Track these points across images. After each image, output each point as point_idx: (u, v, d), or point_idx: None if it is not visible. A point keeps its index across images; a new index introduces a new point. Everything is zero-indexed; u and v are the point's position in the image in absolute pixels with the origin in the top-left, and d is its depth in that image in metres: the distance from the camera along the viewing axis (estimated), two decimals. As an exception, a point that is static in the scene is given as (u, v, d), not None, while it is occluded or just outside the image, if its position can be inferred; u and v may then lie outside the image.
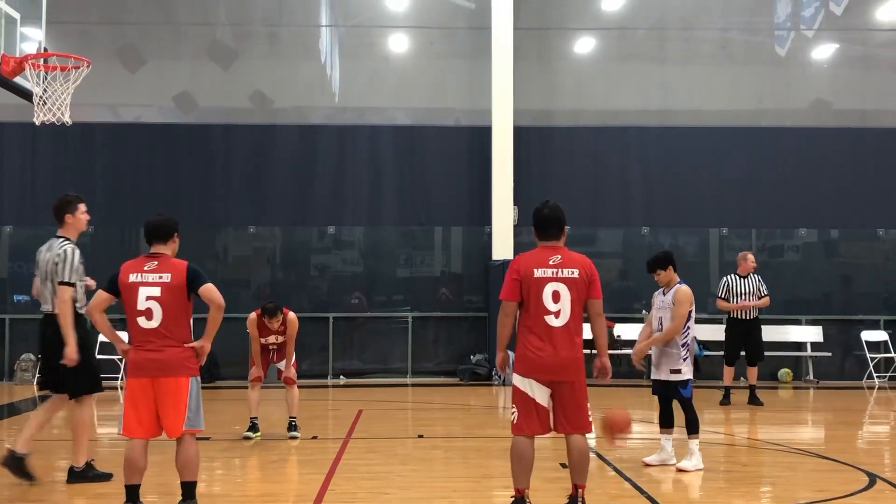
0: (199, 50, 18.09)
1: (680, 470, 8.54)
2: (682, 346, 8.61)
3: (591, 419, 6.63)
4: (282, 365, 10.64)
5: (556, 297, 6.44)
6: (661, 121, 18.23)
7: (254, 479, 8.55)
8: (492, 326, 17.12)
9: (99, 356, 16.38)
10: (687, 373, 8.63)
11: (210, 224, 17.65)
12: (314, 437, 10.64)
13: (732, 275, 13.90)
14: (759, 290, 13.72)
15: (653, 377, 8.89)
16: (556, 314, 6.44)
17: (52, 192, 17.77)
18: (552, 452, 9.65)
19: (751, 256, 14.02)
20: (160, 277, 6.58)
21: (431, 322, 17.96)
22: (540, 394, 6.45)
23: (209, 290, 6.64)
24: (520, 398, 6.48)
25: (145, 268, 6.63)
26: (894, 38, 18.69)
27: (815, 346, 17.42)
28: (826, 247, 18.38)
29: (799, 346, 17.55)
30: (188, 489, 6.69)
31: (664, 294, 8.77)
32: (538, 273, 6.45)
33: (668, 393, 8.73)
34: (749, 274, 13.78)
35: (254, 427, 10.47)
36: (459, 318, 17.88)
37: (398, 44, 18.84)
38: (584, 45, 18.98)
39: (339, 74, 18.37)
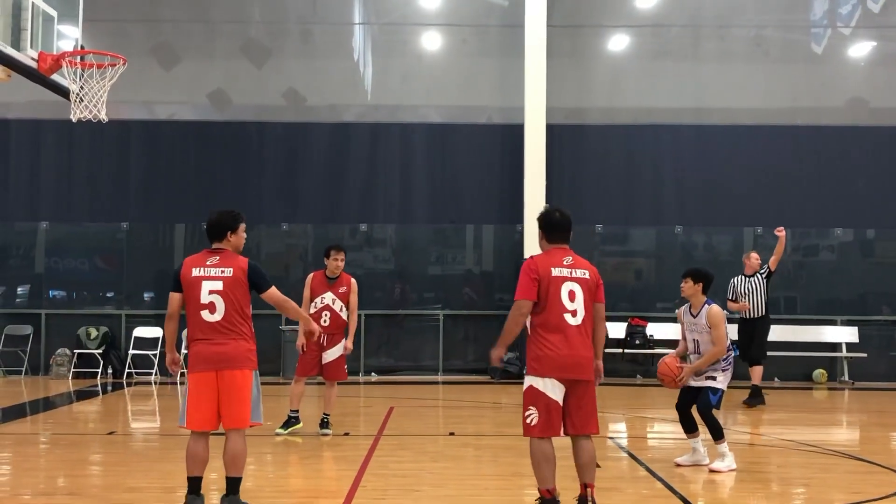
0: (234, 48, 18.18)
1: (713, 471, 8.49)
2: (724, 359, 8.56)
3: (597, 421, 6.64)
4: (330, 354, 10.37)
5: (572, 296, 6.50)
6: (695, 119, 18.09)
7: (286, 475, 8.59)
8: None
9: (133, 351, 16.69)
10: (722, 383, 8.59)
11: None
12: (346, 434, 10.67)
13: (740, 276, 13.92)
14: (760, 288, 13.67)
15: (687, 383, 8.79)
16: (573, 313, 6.48)
17: (87, 188, 18.06)
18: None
19: (753, 255, 14.07)
20: (222, 272, 6.72)
21: (462, 320, 17.96)
22: (558, 392, 6.44)
23: (272, 297, 6.89)
24: (538, 399, 6.44)
25: (207, 262, 6.77)
26: (933, 35, 18.46)
27: (850, 346, 17.24)
28: (862, 246, 18.18)
29: (834, 346, 17.38)
30: (233, 484, 6.71)
31: (693, 315, 8.69)
32: (555, 272, 6.52)
33: (692, 401, 8.68)
34: (755, 273, 13.76)
35: (289, 422, 10.43)
36: (490, 316, 17.83)
37: (431, 41, 18.83)
38: (618, 42, 18.87)
39: (371, 72, 18.41)
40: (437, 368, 17.64)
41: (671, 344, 16.85)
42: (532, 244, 16.98)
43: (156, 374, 16.42)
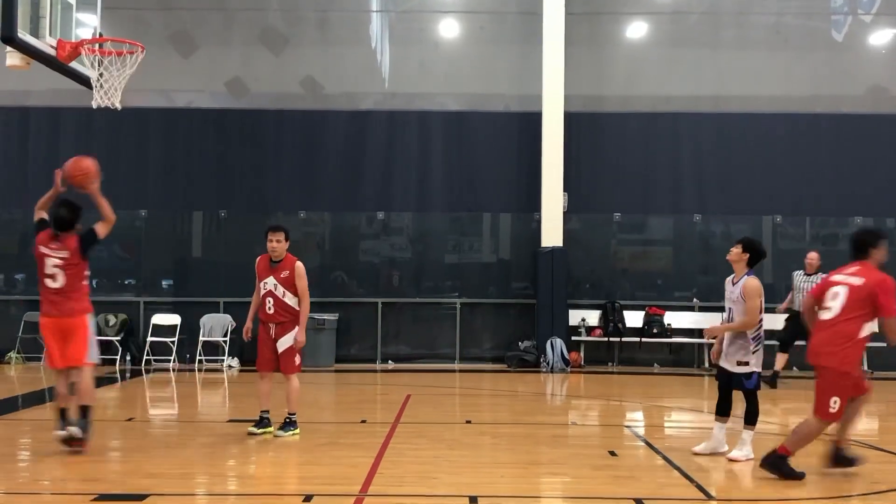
0: (251, 35, 18.19)
1: (731, 460, 8.48)
2: (754, 338, 8.54)
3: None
4: (280, 344, 9.48)
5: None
6: (714, 107, 18.00)
7: (303, 462, 8.61)
8: (541, 313, 17.05)
9: (152, 338, 16.76)
10: (755, 365, 8.58)
11: (260, 209, 17.79)
12: (363, 421, 10.69)
13: (801, 272, 14.52)
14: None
15: (720, 363, 8.81)
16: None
17: (106, 176, 18.05)
18: (600, 440, 9.67)
19: (811, 254, 14.51)
20: None
21: (479, 308, 17.94)
22: None
23: None
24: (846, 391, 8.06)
25: None
26: (955, 22, 18.28)
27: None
28: (882, 236, 18.03)
29: (853, 336, 17.25)
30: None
31: (733, 284, 8.72)
32: None
33: (730, 383, 8.66)
34: (816, 272, 14.13)
35: (262, 422, 9.59)
36: (507, 304, 17.84)
37: (448, 29, 18.78)
38: (637, 30, 18.76)
39: (389, 60, 18.38)
40: (454, 356, 17.66)
41: (689, 333, 16.83)
42: (548, 232, 17.04)
43: (174, 362, 16.49)
